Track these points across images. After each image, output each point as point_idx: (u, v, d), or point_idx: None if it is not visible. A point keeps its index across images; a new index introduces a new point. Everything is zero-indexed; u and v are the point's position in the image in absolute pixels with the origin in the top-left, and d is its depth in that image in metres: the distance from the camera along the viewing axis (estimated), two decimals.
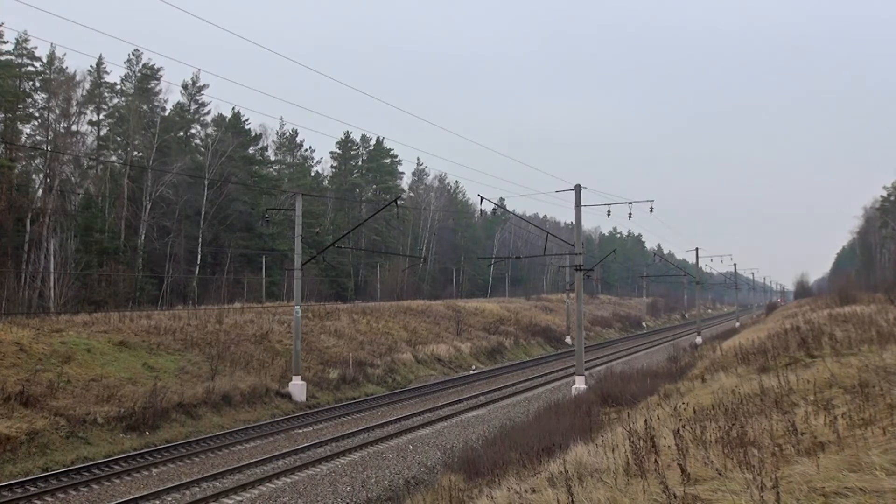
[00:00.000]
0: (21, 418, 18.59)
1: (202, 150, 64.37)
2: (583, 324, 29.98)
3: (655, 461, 7.68)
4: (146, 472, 17.52)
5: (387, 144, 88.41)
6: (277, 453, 19.35)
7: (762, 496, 5.49)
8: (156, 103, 62.45)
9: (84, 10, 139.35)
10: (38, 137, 53.84)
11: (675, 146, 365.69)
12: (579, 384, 26.97)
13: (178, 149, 60.07)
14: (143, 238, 53.64)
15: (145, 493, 15.34)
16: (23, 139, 51.84)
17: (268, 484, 16.52)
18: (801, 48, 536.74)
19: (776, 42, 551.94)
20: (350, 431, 22.65)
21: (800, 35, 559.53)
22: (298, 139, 79.73)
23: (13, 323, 26.14)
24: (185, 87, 64.84)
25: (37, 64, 53.54)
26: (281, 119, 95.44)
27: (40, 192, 51.04)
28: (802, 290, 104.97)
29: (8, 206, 45.05)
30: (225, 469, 17.51)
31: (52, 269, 43.26)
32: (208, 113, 67.37)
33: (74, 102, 53.93)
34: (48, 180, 50.57)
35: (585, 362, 30.53)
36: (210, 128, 66.72)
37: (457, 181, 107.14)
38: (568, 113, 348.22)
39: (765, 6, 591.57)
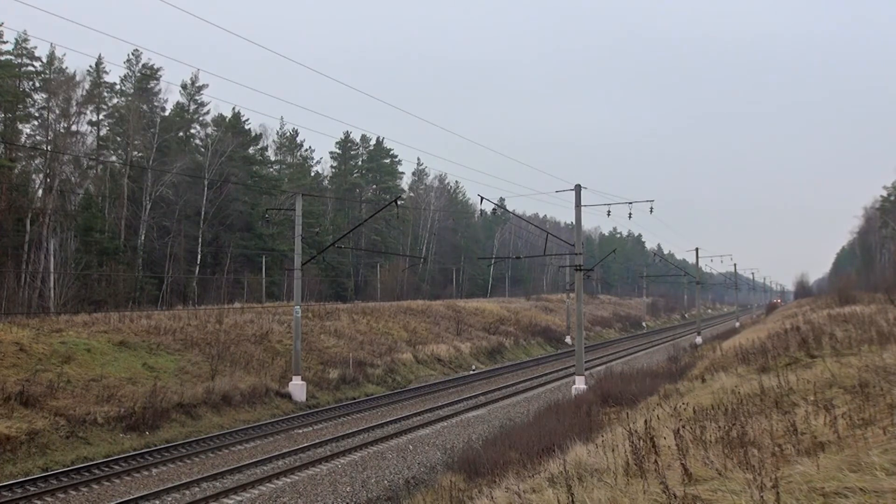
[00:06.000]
0: (21, 418, 18.59)
1: (202, 150, 64.35)
2: (583, 324, 29.97)
3: (655, 461, 7.67)
4: (146, 472, 17.52)
5: (387, 144, 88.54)
6: (277, 453, 19.34)
7: (762, 496, 5.48)
8: (155, 103, 62.48)
9: (84, 10, 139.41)
10: (38, 137, 53.87)
11: (675, 146, 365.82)
12: (579, 384, 26.97)
13: (178, 149, 60.07)
14: (143, 238, 53.64)
15: (145, 493, 15.34)
16: (23, 139, 51.84)
17: (268, 484, 16.52)
18: (801, 50, 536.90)
19: (776, 44, 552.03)
20: (350, 431, 22.65)
21: (800, 38, 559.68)
22: (298, 139, 79.78)
23: (13, 323, 26.14)
24: (184, 87, 64.88)
25: (36, 64, 53.60)
26: (281, 119, 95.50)
27: (40, 192, 51.04)
28: (802, 291, 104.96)
29: (8, 206, 45.03)
30: (225, 469, 17.51)
31: (52, 269, 43.25)
32: (208, 113, 67.47)
33: (74, 102, 53.90)
34: (48, 180, 50.57)
35: (585, 362, 30.53)
36: (210, 128, 66.73)
37: (457, 181, 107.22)
38: (569, 114, 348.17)
39: (767, 11, 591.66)
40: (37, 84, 53.65)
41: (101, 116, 58.32)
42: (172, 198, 56.04)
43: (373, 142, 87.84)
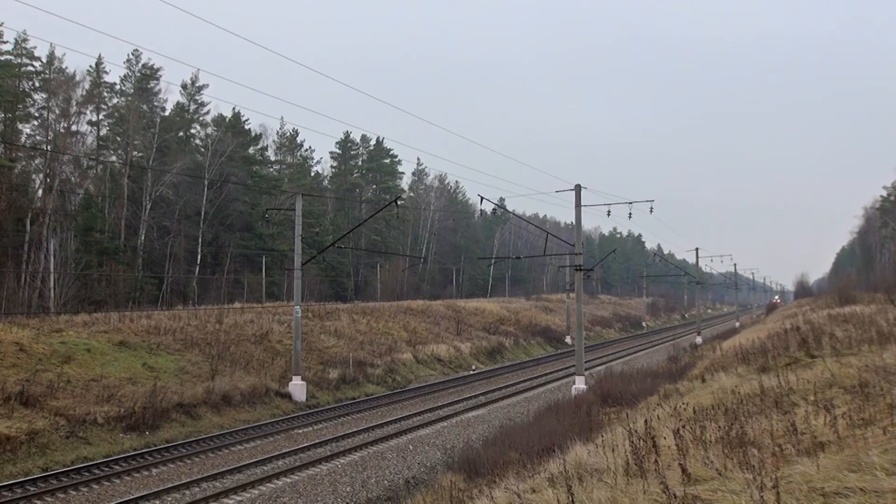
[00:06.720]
0: (21, 418, 18.59)
1: (202, 150, 64.32)
2: (583, 324, 29.97)
3: (655, 461, 7.67)
4: (146, 472, 17.52)
5: (387, 144, 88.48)
6: (277, 453, 19.35)
7: (762, 496, 5.48)
8: (155, 103, 62.44)
9: (84, 10, 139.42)
10: (37, 137, 53.83)
11: (675, 146, 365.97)
12: (579, 384, 26.97)
13: (178, 149, 60.03)
14: (142, 238, 53.61)
15: (145, 493, 15.34)
16: (23, 139, 51.82)
17: (268, 484, 16.52)
18: (801, 50, 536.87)
19: (776, 44, 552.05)
20: (350, 431, 22.65)
21: (800, 38, 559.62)
22: (298, 139, 79.73)
23: (13, 323, 26.14)
24: (184, 86, 64.85)
25: (36, 64, 53.54)
26: (281, 119, 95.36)
27: (40, 192, 51.01)
28: (802, 290, 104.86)
29: (8, 206, 45.01)
30: (225, 469, 17.51)
31: (52, 269, 43.24)
32: (208, 113, 67.40)
33: (74, 102, 53.88)
34: (48, 180, 50.54)
35: (585, 362, 30.53)
36: (210, 128, 66.68)
37: (457, 181, 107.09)
38: (569, 114, 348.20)
39: (767, 11, 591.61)
40: (37, 84, 53.62)
41: (101, 116, 58.31)
42: (172, 198, 56.01)
43: (373, 142, 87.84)
